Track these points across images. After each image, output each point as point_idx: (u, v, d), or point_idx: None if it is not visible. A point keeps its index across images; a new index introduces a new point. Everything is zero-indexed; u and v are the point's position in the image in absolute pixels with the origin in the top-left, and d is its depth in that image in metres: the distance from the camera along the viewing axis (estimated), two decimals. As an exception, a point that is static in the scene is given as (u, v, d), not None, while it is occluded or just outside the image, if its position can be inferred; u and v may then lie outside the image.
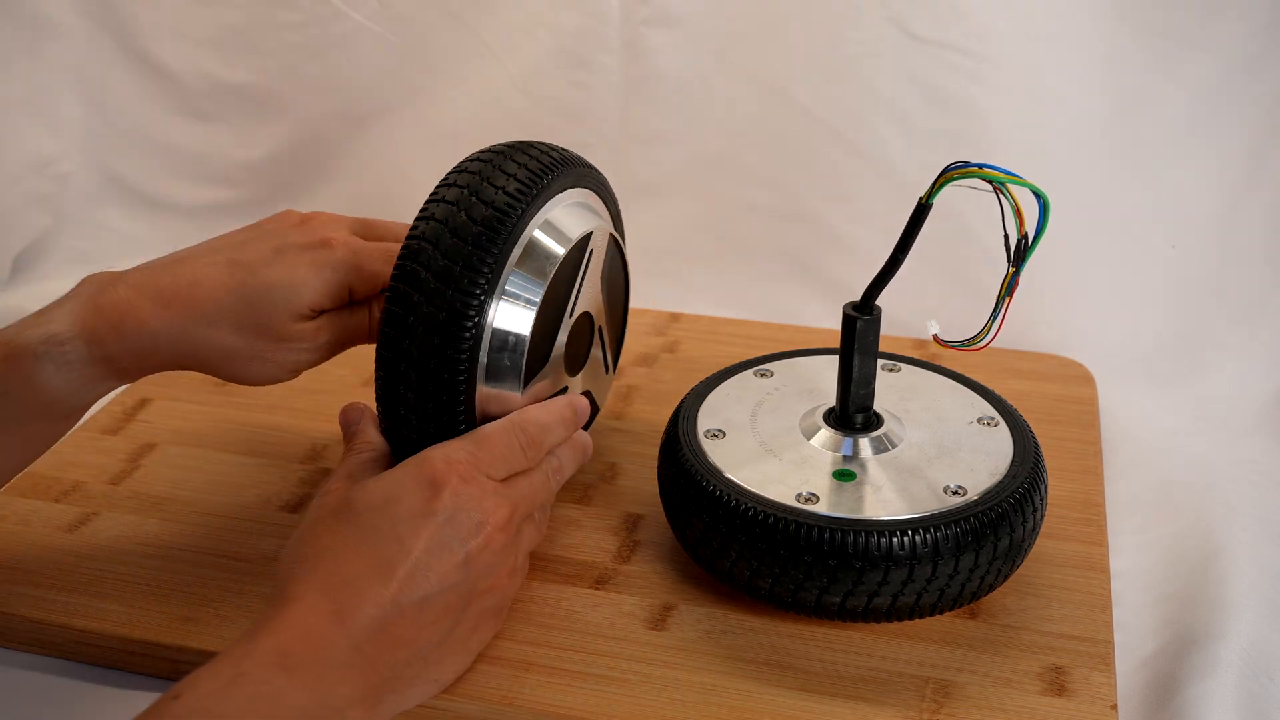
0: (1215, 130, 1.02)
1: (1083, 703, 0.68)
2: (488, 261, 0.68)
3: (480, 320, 0.68)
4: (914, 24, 1.04)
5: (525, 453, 0.69)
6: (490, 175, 0.71)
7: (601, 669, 0.70)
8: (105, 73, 1.19)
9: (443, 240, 0.68)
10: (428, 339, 0.68)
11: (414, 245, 0.69)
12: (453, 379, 0.69)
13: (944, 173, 0.66)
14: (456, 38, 1.14)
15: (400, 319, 0.68)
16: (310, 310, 0.74)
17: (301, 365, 0.76)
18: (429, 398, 0.69)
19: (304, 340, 0.74)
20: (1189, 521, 0.85)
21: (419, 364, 0.68)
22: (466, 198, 0.69)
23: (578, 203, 0.77)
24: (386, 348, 0.69)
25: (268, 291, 0.72)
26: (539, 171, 0.72)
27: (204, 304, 0.71)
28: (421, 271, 0.68)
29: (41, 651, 0.75)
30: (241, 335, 0.72)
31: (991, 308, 0.67)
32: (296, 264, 0.73)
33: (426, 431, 0.70)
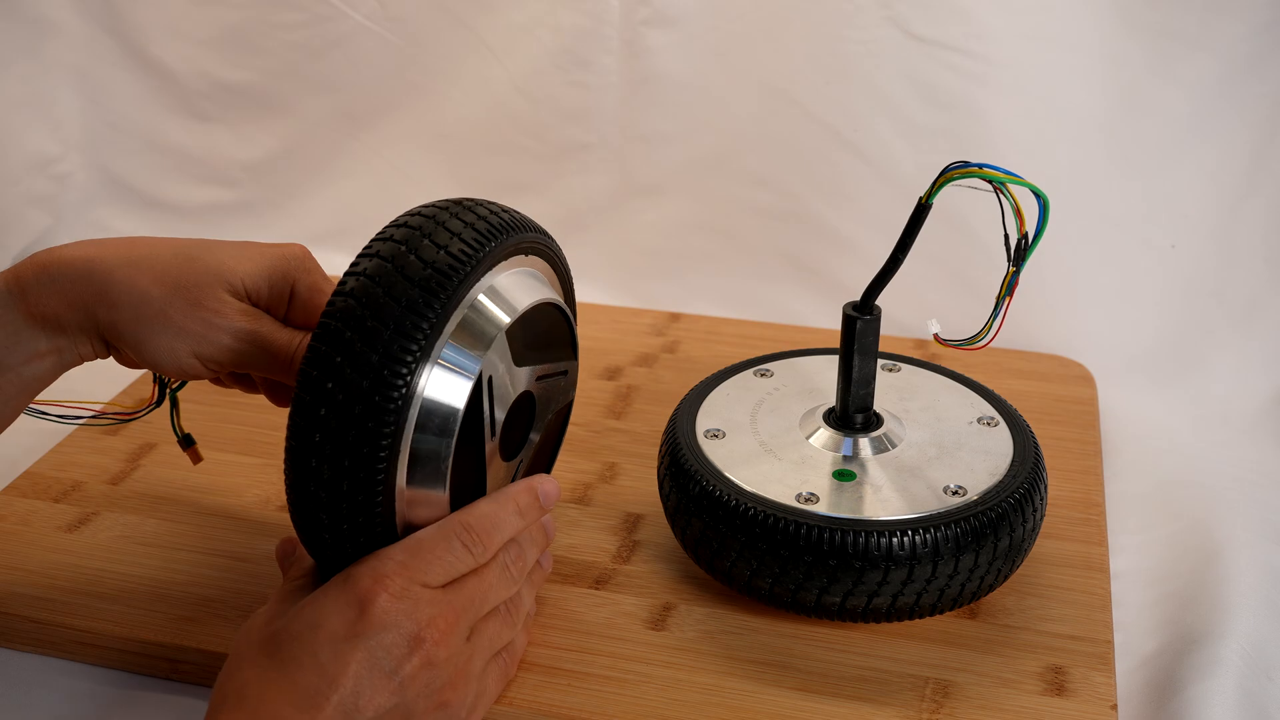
0: (1215, 130, 1.02)
1: (1083, 703, 0.68)
2: (422, 328, 0.61)
3: (409, 390, 0.61)
4: (914, 24, 1.04)
5: (470, 551, 0.63)
6: (433, 231, 0.63)
7: (601, 669, 0.70)
8: (105, 73, 1.19)
9: (374, 300, 0.61)
10: (349, 406, 0.60)
11: (339, 303, 0.61)
12: (373, 452, 0.61)
13: (944, 173, 0.66)
14: (456, 38, 1.14)
15: (319, 382, 0.60)
16: (244, 283, 0.69)
17: (207, 352, 0.68)
18: (344, 476, 0.61)
19: (223, 316, 0.68)
20: (1189, 521, 0.85)
21: (336, 434, 0.60)
22: (403, 254, 0.62)
23: (526, 272, 0.69)
24: (300, 412, 0.61)
25: (209, 250, 0.69)
26: (487, 234, 0.65)
27: (140, 248, 0.68)
28: (346, 331, 0.60)
29: (41, 651, 0.75)
30: (160, 283, 0.67)
31: (991, 308, 0.67)
32: (245, 246, 0.71)
33: (339, 518, 0.62)
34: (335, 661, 0.59)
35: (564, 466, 0.87)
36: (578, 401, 0.94)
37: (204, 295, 0.67)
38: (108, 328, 0.68)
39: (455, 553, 0.63)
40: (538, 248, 0.71)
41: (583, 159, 1.15)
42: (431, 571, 0.62)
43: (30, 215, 1.18)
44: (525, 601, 0.68)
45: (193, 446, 0.83)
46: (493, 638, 0.65)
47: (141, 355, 0.68)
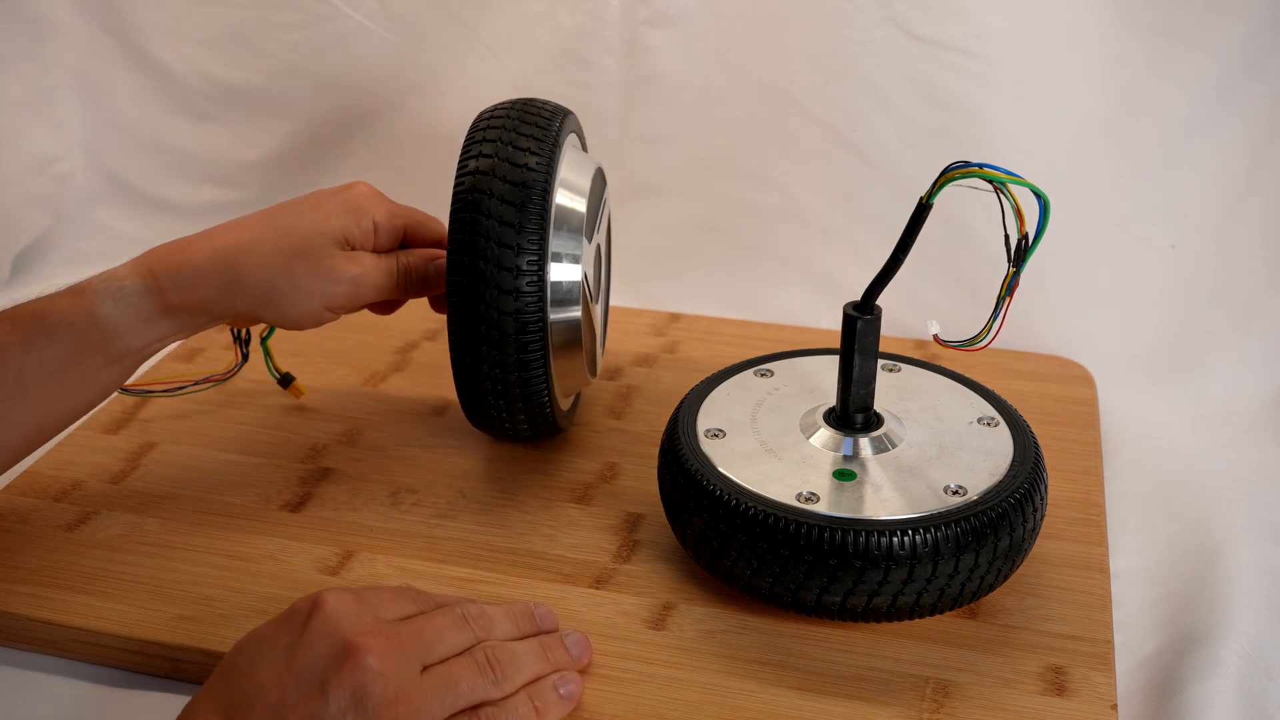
0: (1215, 130, 1.02)
1: (1083, 703, 0.68)
2: (533, 226, 0.75)
3: (542, 276, 0.76)
4: (914, 24, 1.04)
5: (418, 604, 0.65)
6: (511, 140, 0.78)
7: (601, 668, 0.70)
8: (105, 73, 1.19)
9: (492, 207, 0.75)
10: (503, 299, 0.75)
11: (467, 198, 0.76)
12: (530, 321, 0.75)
13: (944, 173, 0.66)
14: (456, 38, 1.14)
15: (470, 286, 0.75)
16: (341, 235, 0.79)
17: (334, 302, 0.79)
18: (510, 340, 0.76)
19: (337, 269, 0.78)
20: (1189, 521, 0.85)
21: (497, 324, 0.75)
22: (499, 164, 0.77)
23: (574, 146, 0.85)
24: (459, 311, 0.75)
25: (299, 217, 0.79)
26: (545, 128, 0.79)
27: (243, 233, 0.78)
28: (481, 241, 0.75)
29: (41, 651, 0.75)
30: (279, 258, 0.77)
31: (991, 308, 0.67)
32: (325, 197, 0.81)
33: (510, 384, 0.77)
34: (268, 670, 0.59)
35: (564, 466, 0.88)
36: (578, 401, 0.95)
37: (317, 259, 0.78)
38: (245, 312, 0.78)
39: (405, 602, 0.65)
40: (572, 124, 0.85)
41: (582, 159, 1.15)
42: (383, 608, 0.63)
43: (30, 215, 1.18)
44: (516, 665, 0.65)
45: (294, 383, 0.95)
46: (456, 680, 0.62)
47: (282, 321, 0.80)
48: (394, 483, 0.86)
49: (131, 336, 0.75)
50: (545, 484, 0.86)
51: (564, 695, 0.66)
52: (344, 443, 0.91)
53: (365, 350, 1.02)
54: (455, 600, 0.68)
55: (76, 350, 0.74)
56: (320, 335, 0.98)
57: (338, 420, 0.93)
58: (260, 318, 0.80)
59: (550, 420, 0.82)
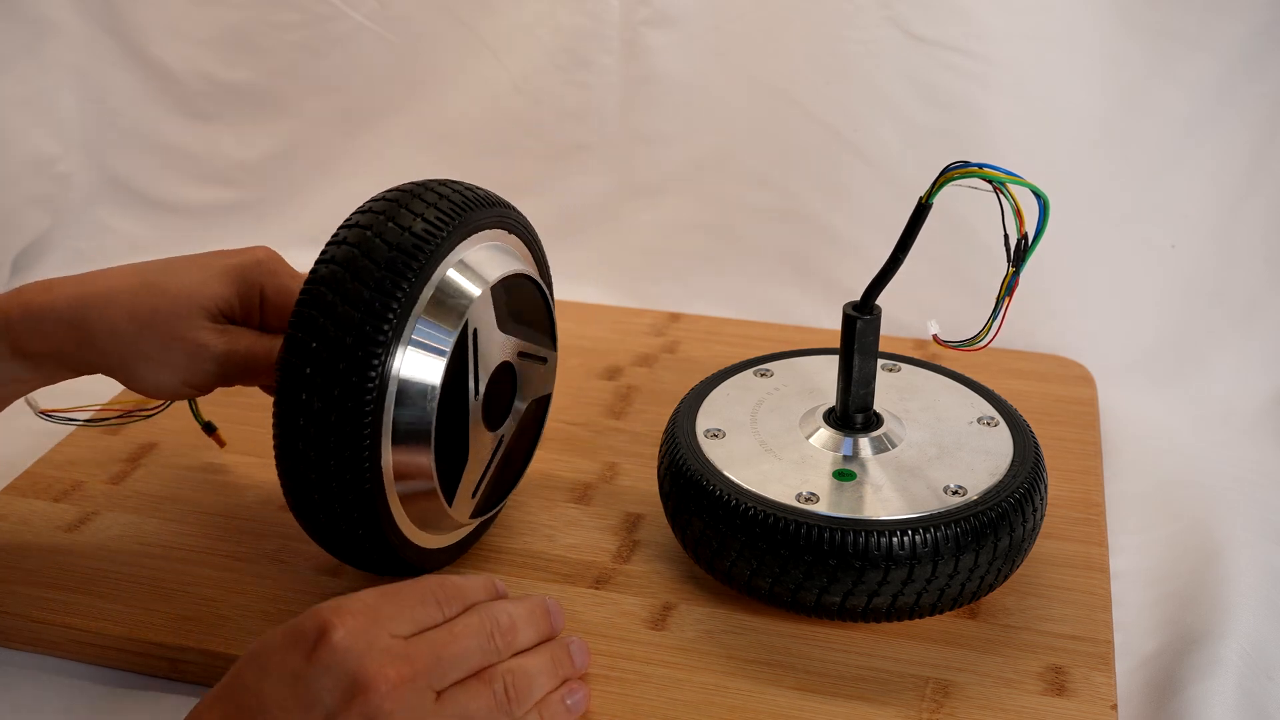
0: (1215, 130, 1.02)
1: (1083, 703, 0.68)
2: (392, 307, 0.63)
3: (384, 369, 0.64)
4: (914, 24, 1.04)
5: (442, 607, 0.62)
6: (395, 214, 0.66)
7: (601, 668, 0.70)
8: (105, 73, 1.19)
9: (343, 285, 0.63)
10: (328, 389, 0.63)
11: (312, 290, 0.64)
12: (356, 431, 0.63)
13: (944, 173, 0.66)
14: (456, 38, 1.14)
15: (298, 369, 0.63)
16: (214, 305, 0.72)
17: (194, 379, 0.72)
18: (329, 454, 0.64)
19: (199, 344, 0.71)
20: (1189, 521, 0.85)
21: (319, 417, 0.63)
22: (369, 239, 0.65)
23: (495, 245, 0.72)
24: (283, 401, 0.64)
25: (174, 275, 0.71)
26: (451, 211, 0.67)
27: (112, 283, 0.71)
28: (319, 318, 0.63)
29: (41, 651, 0.75)
30: (134, 320, 0.70)
31: (991, 308, 0.67)
32: (214, 259, 0.73)
33: (329, 496, 0.65)
34: (275, 692, 0.57)
35: (564, 466, 0.88)
36: (578, 401, 0.95)
37: (179, 327, 0.70)
38: (95, 366, 0.72)
39: (427, 606, 0.61)
40: (507, 223, 0.73)
41: (583, 159, 1.15)
42: (400, 620, 0.60)
43: (30, 215, 1.18)
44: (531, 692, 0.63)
45: (215, 432, 0.88)
46: (470, 713, 0.60)
47: (136, 387, 0.73)
48: (394, 483, 0.86)
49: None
50: (545, 484, 0.86)
51: (571, 706, 0.65)
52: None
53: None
54: (482, 589, 0.65)
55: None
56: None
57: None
58: (116, 378, 0.73)
59: (386, 547, 0.69)
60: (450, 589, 0.64)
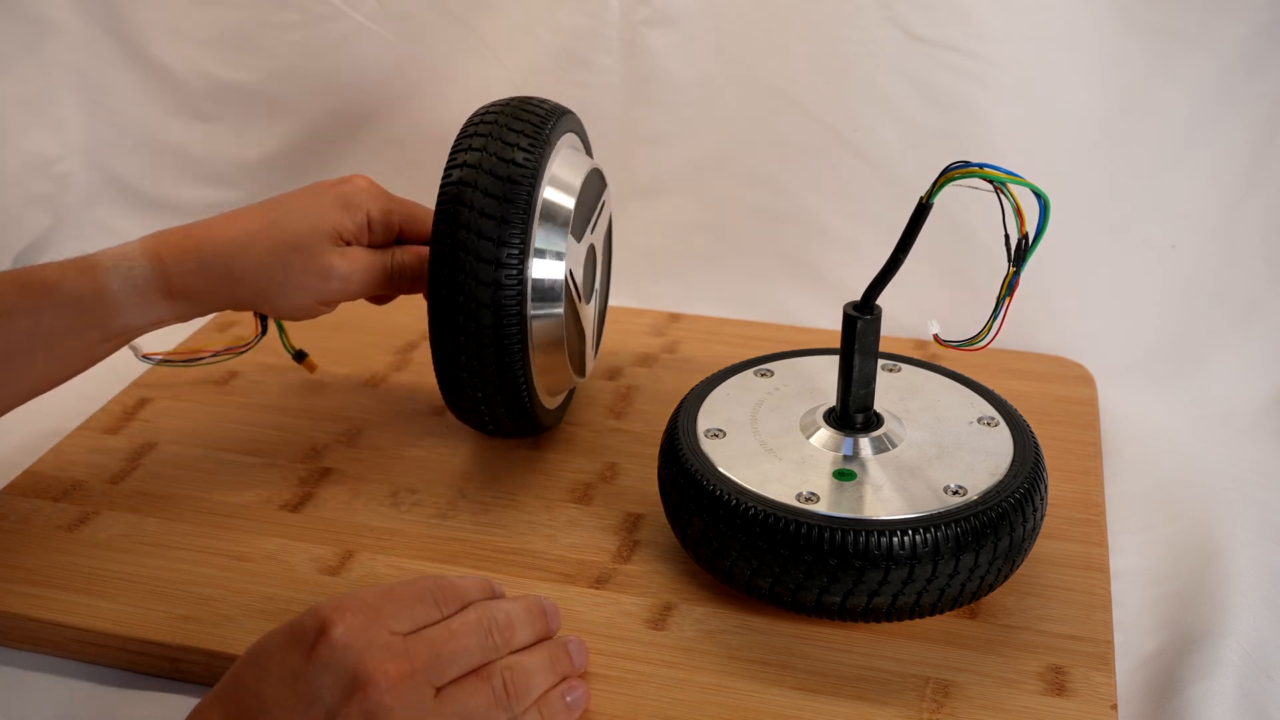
0: (1215, 130, 1.02)
1: (1083, 703, 0.68)
2: (517, 219, 0.76)
3: (523, 270, 0.76)
4: (914, 24, 1.04)
5: (440, 606, 0.63)
6: (501, 135, 0.78)
7: (601, 668, 0.70)
8: (105, 73, 1.19)
9: (476, 200, 0.75)
10: (481, 291, 0.75)
11: (452, 192, 0.76)
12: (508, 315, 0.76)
13: (944, 173, 0.66)
14: (456, 38, 1.14)
15: (450, 279, 0.75)
16: (334, 230, 0.81)
17: (328, 297, 0.82)
18: (487, 333, 0.76)
19: (329, 266, 0.80)
20: (1189, 521, 0.85)
21: (475, 316, 0.75)
22: (487, 158, 0.77)
23: (572, 147, 0.85)
24: (439, 301, 0.76)
25: (295, 212, 0.81)
26: (539, 125, 0.80)
27: (244, 226, 0.80)
28: (462, 233, 0.75)
29: (41, 651, 0.75)
30: (274, 255, 0.79)
31: (991, 308, 0.67)
32: (321, 191, 0.83)
33: (488, 378, 0.78)
34: (275, 690, 0.57)
35: (564, 466, 0.88)
36: (578, 401, 0.95)
37: (310, 256, 0.80)
38: (243, 303, 0.81)
39: (425, 604, 0.62)
40: (569, 123, 0.85)
41: (583, 159, 1.15)
42: (399, 618, 0.60)
43: (30, 215, 1.18)
44: (530, 689, 0.63)
45: (307, 359, 0.96)
46: (469, 709, 0.60)
47: (277, 313, 0.83)
48: (394, 483, 0.86)
49: (132, 315, 0.78)
50: (545, 484, 0.86)
51: (570, 704, 0.65)
52: (344, 443, 0.91)
53: (365, 350, 1.02)
54: (479, 589, 0.66)
55: (79, 323, 0.76)
56: (320, 335, 0.98)
57: (338, 420, 0.93)
58: (258, 309, 0.82)
59: (531, 416, 0.82)
60: (448, 588, 0.64)
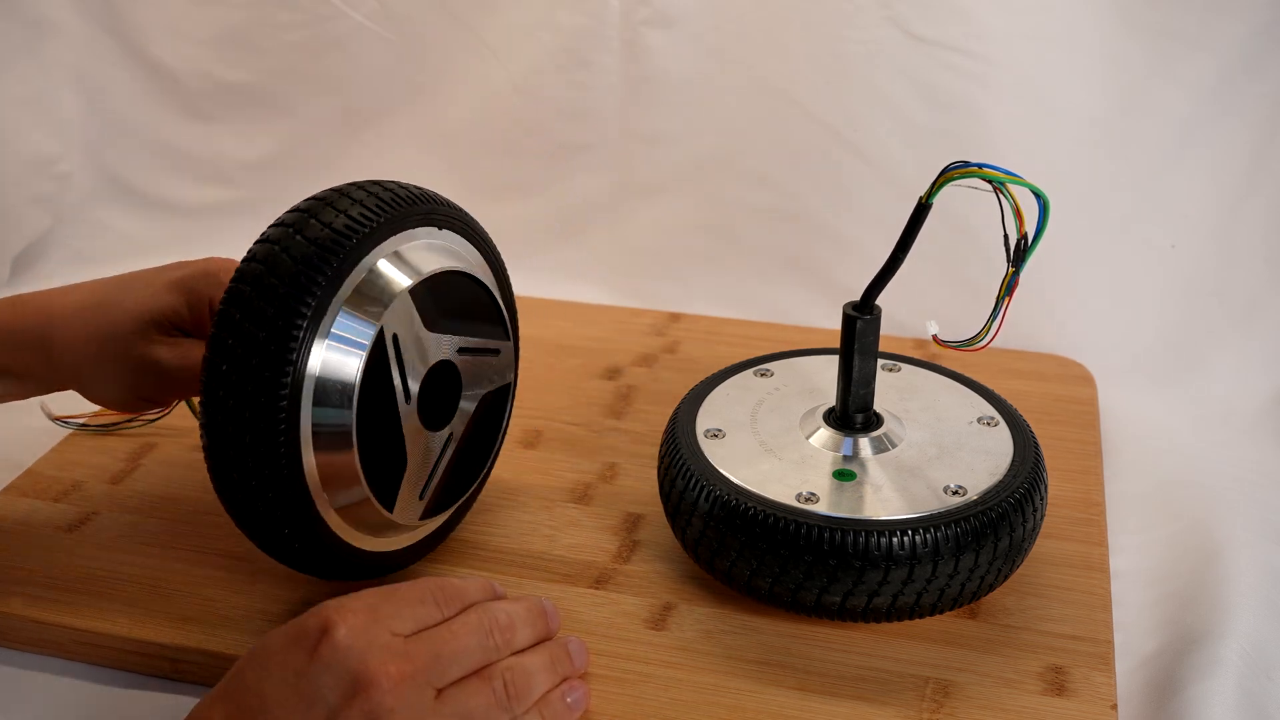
0: (1215, 130, 1.02)
1: (1083, 703, 0.68)
2: (306, 301, 0.62)
3: (299, 366, 0.62)
4: (914, 24, 1.04)
5: (441, 607, 0.63)
6: (320, 211, 0.65)
7: (601, 668, 0.70)
8: (105, 73, 1.19)
9: (261, 281, 0.63)
10: (243, 386, 0.62)
11: (234, 288, 0.63)
12: (272, 429, 0.62)
13: (944, 172, 0.66)
14: (456, 38, 1.14)
15: (217, 367, 0.63)
16: (165, 317, 0.73)
17: (147, 390, 0.74)
18: (247, 453, 0.63)
19: (148, 357, 0.72)
20: (1189, 521, 0.85)
21: (235, 415, 0.63)
22: (290, 235, 0.64)
23: (427, 244, 0.70)
24: (207, 401, 0.63)
25: (126, 292, 0.74)
26: (378, 208, 0.66)
27: (68, 298, 0.75)
28: (237, 314, 0.62)
29: (41, 651, 0.75)
30: (89, 339, 0.73)
31: (991, 308, 0.67)
32: (167, 271, 0.75)
33: (253, 490, 0.64)
34: (277, 690, 0.57)
35: (564, 466, 0.88)
36: (578, 401, 0.95)
37: (131, 343, 0.72)
38: (59, 382, 0.75)
39: (426, 605, 0.62)
40: (450, 221, 0.71)
41: (583, 159, 1.15)
42: (400, 618, 0.60)
43: (30, 215, 1.18)
44: (531, 689, 0.63)
45: None
46: (470, 710, 0.60)
47: (92, 400, 0.76)
48: (394, 483, 0.86)
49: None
50: (545, 484, 0.86)
51: (571, 704, 0.65)
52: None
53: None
54: (480, 591, 0.66)
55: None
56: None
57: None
58: (81, 393, 0.76)
59: (341, 559, 0.69)
60: (449, 589, 0.64)
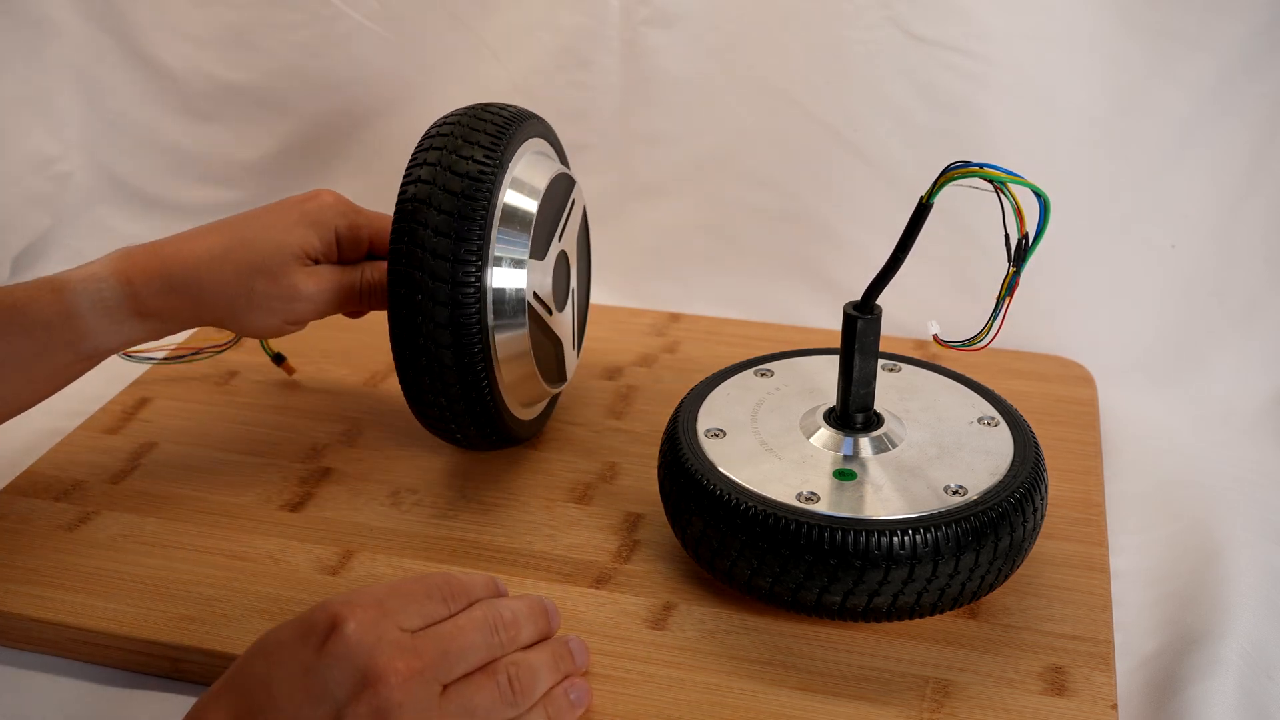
0: (1215, 130, 1.02)
1: (1083, 703, 0.68)
2: (473, 235, 0.74)
3: (481, 285, 0.74)
4: (914, 24, 1.04)
5: (447, 603, 0.63)
6: (456, 147, 0.76)
7: (602, 668, 0.70)
8: (105, 73, 1.19)
9: (430, 216, 0.74)
10: (438, 310, 0.73)
11: (408, 208, 0.74)
12: (467, 332, 0.74)
13: (944, 172, 0.66)
14: (456, 38, 1.14)
15: (408, 298, 0.74)
16: (301, 249, 0.79)
17: (294, 316, 0.81)
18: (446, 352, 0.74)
19: (296, 286, 0.79)
20: (1189, 521, 0.85)
21: (433, 336, 0.74)
22: (441, 173, 0.75)
23: (538, 152, 0.82)
24: (398, 321, 0.74)
25: (262, 231, 0.80)
26: (500, 131, 0.78)
27: (211, 245, 0.79)
28: (418, 251, 0.73)
29: (41, 651, 0.75)
30: (240, 275, 0.78)
31: (991, 308, 0.67)
32: (288, 208, 0.81)
33: (453, 396, 0.76)
34: (284, 684, 0.57)
35: (564, 466, 0.88)
36: (578, 402, 0.95)
37: (276, 276, 0.79)
38: (206, 320, 0.80)
39: (433, 601, 0.63)
40: (536, 129, 0.83)
41: (583, 159, 1.15)
42: (407, 614, 0.61)
43: (30, 215, 1.18)
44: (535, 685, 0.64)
45: (284, 362, 0.98)
46: (475, 706, 0.61)
47: (246, 331, 0.82)
48: (394, 483, 0.86)
49: (102, 337, 0.78)
50: (545, 484, 0.86)
51: (574, 701, 0.66)
52: (344, 443, 0.91)
53: (365, 350, 1.02)
54: (484, 587, 0.66)
55: (49, 345, 0.76)
56: (320, 335, 0.98)
57: (338, 420, 0.93)
58: (225, 327, 0.81)
59: (502, 430, 0.81)
60: (455, 585, 0.64)
